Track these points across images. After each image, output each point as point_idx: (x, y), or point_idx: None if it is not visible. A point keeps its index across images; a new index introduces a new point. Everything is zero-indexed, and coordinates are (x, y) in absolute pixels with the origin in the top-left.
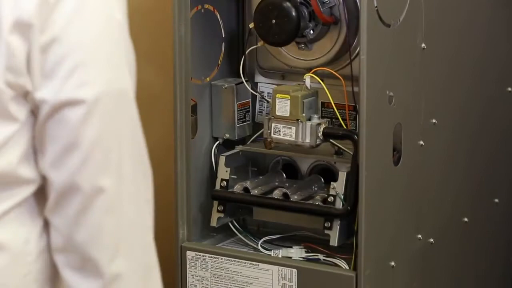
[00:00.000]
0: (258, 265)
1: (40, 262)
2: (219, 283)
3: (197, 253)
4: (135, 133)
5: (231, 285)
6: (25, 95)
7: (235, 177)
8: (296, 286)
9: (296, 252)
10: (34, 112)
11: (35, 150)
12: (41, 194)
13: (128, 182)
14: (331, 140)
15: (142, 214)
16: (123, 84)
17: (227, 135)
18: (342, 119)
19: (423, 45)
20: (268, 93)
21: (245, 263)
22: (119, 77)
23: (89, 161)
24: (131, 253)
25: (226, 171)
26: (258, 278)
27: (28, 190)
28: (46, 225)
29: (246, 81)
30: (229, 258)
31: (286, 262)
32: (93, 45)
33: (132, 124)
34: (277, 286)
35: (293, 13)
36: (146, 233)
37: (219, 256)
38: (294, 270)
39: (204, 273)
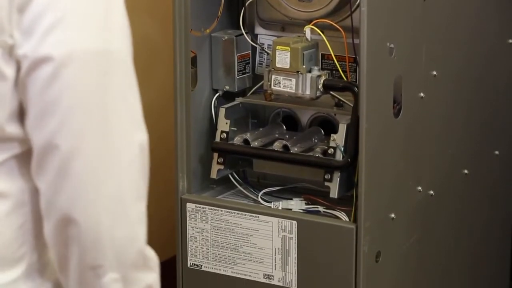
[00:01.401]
0: (258, 217)
1: (34, 214)
2: (219, 235)
3: (197, 205)
4: (126, 96)
5: (231, 237)
6: (10, 52)
7: (235, 129)
8: (296, 238)
9: (296, 204)
10: (19, 70)
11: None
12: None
13: (116, 145)
14: (331, 92)
15: (132, 181)
16: (109, 44)
17: (227, 87)
18: (343, 71)
19: None
20: (268, 44)
21: (245, 215)
22: (101, 38)
23: (67, 121)
24: (116, 223)
25: (226, 123)
26: (258, 230)
27: (19, 148)
28: None
29: (246, 32)
30: (229, 210)
31: (286, 214)
32: (72, 3)
33: (120, 86)
34: (277, 238)
35: None
36: (136, 201)
37: (219, 208)
38: (294, 222)
39: (204, 225)
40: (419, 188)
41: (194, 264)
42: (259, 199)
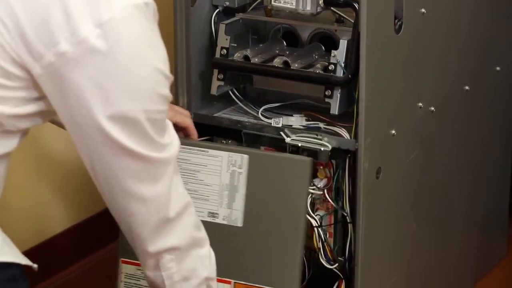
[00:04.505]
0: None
1: None
2: None
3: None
4: None
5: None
6: None
7: (235, 45)
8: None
9: (297, 120)
10: None
11: None
12: None
13: None
14: (332, 8)
15: None
16: None
17: (227, 3)
18: None
19: None
20: None
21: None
22: None
23: None
24: None
25: (226, 39)
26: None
27: None
28: None
29: None
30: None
31: (236, 148)
32: None
33: None
34: (226, 174)
35: None
36: None
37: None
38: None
39: None
40: (420, 104)
41: None
42: (260, 116)
